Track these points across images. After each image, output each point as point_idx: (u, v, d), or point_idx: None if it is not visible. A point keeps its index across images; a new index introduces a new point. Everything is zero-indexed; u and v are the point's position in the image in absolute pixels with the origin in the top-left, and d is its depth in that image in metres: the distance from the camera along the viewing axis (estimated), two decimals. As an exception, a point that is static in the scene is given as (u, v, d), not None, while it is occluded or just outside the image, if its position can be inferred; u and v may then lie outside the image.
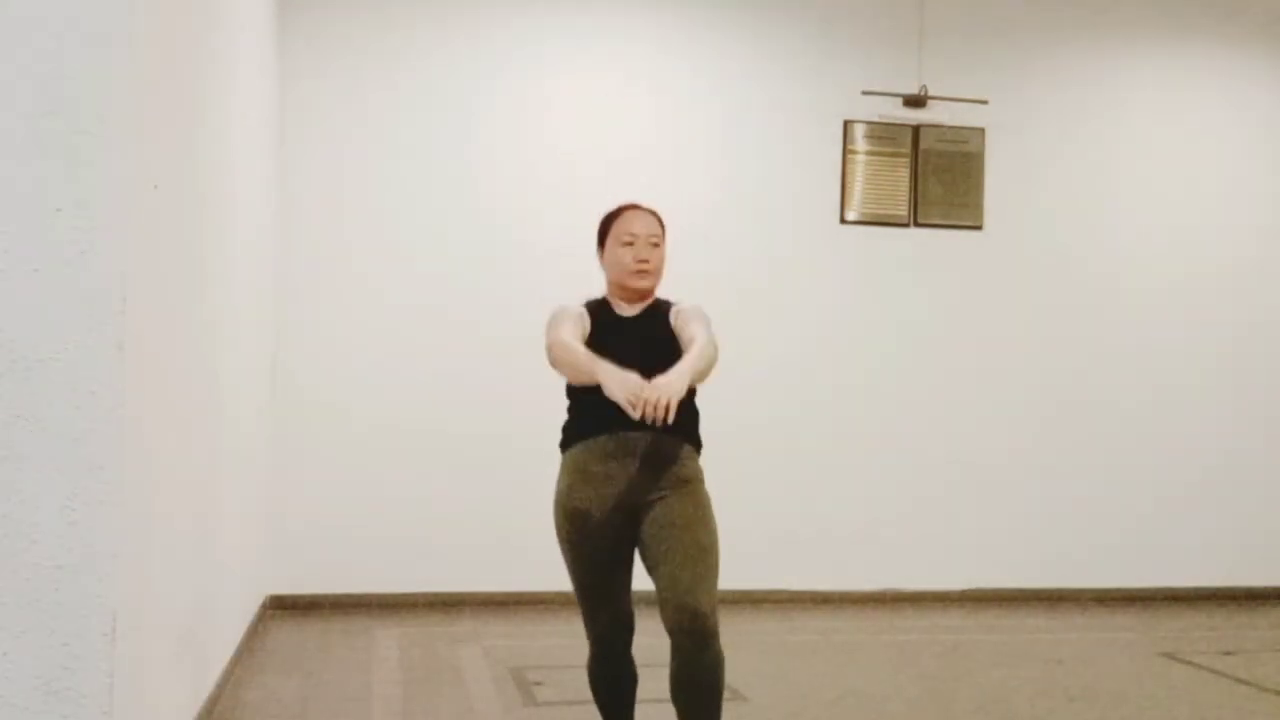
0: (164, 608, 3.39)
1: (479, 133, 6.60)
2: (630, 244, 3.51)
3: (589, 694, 3.72)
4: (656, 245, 3.54)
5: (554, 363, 3.43)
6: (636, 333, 3.51)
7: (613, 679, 3.59)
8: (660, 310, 3.56)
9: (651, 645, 3.55)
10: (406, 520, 6.42)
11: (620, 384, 3.18)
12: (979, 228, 7.13)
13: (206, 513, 4.23)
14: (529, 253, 6.57)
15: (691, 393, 3.49)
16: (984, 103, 7.03)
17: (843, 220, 6.99)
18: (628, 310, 3.56)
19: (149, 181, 3.00)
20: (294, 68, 6.40)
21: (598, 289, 3.62)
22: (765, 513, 6.63)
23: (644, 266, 3.51)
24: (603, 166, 6.58)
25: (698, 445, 3.54)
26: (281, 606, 6.28)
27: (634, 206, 3.60)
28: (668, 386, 3.16)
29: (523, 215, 6.61)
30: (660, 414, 3.12)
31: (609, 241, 3.56)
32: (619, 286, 3.56)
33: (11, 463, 2.61)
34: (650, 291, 3.57)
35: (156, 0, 3.09)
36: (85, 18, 2.65)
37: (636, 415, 3.14)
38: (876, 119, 7.00)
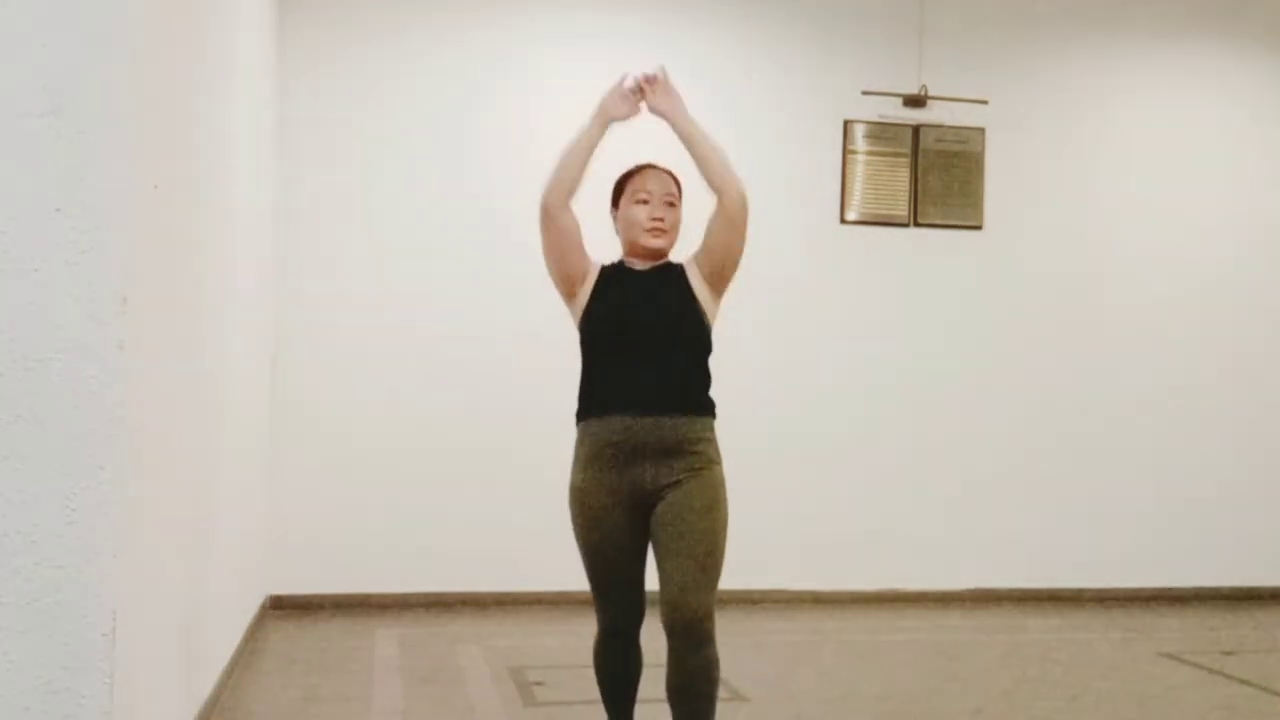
0: (164, 608, 3.39)
1: (478, 133, 6.60)
2: (645, 202, 3.49)
3: (589, 694, 3.72)
4: (672, 205, 3.52)
5: (549, 184, 3.58)
6: (648, 285, 3.48)
7: (618, 664, 3.58)
8: (674, 268, 3.52)
9: (653, 646, 3.55)
10: (406, 520, 6.42)
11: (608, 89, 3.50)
12: (979, 228, 7.13)
13: (206, 513, 4.23)
14: (528, 253, 6.48)
15: (705, 352, 3.49)
16: (984, 103, 7.03)
17: (843, 220, 6.99)
18: (641, 266, 3.53)
19: (149, 181, 3.00)
20: (294, 67, 6.40)
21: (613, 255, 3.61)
22: (765, 513, 6.62)
23: (658, 225, 3.48)
24: (603, 166, 6.55)
25: (711, 410, 3.49)
26: (281, 606, 6.28)
27: (650, 165, 3.58)
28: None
29: (522, 216, 6.55)
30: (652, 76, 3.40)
31: (623, 200, 3.55)
32: (632, 245, 3.52)
33: (11, 463, 2.61)
34: (664, 252, 3.53)
35: (156, 0, 3.09)
36: (85, 18, 2.65)
37: (633, 92, 3.45)
38: (876, 119, 7.00)
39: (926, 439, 7.04)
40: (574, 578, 3.59)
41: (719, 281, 3.55)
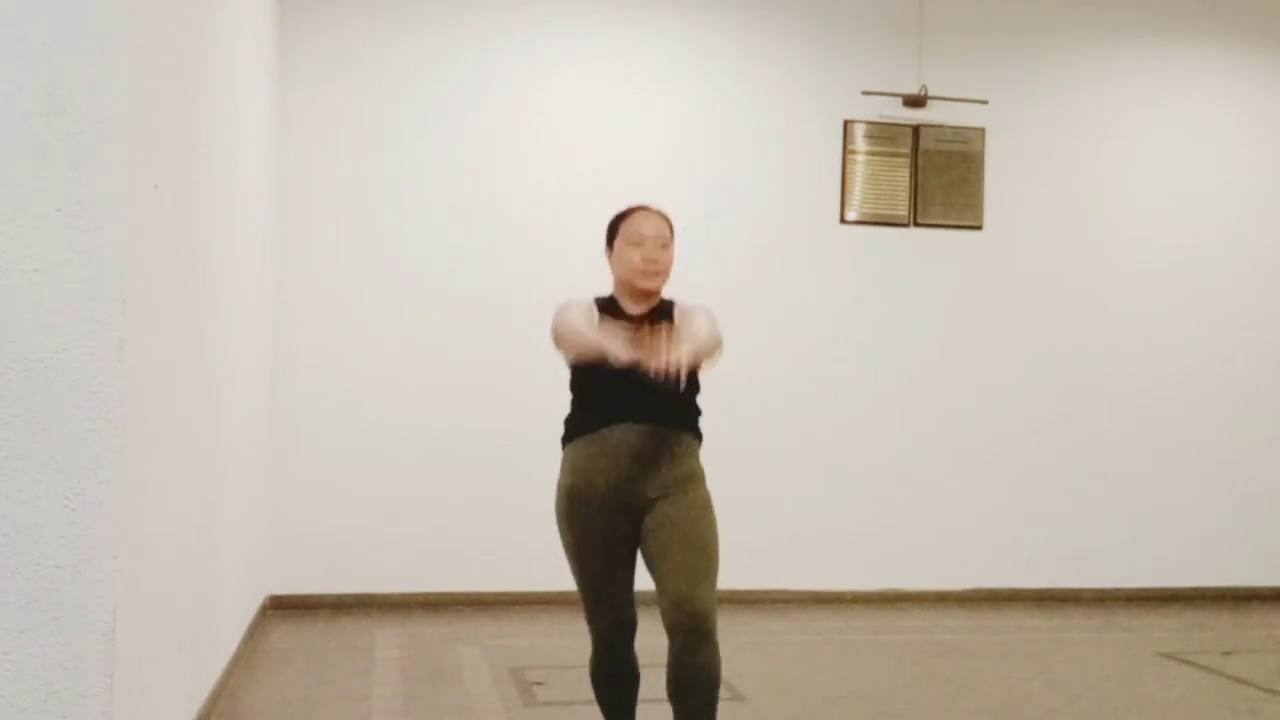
0: (164, 608, 3.39)
1: (478, 134, 6.60)
2: (639, 245, 3.53)
3: (589, 694, 3.72)
4: (665, 247, 3.55)
5: (558, 339, 3.44)
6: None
7: (614, 676, 3.60)
8: (666, 309, 3.57)
9: (653, 645, 3.55)
10: (406, 520, 6.42)
11: (627, 347, 3.22)
12: (979, 228, 7.13)
13: (206, 513, 4.23)
14: (527, 254, 6.57)
15: (695, 387, 3.51)
16: (984, 103, 7.03)
17: (843, 220, 6.99)
18: (634, 309, 3.57)
19: (149, 181, 3.00)
20: (294, 67, 6.40)
21: (600, 289, 3.63)
22: (765, 513, 6.63)
23: (652, 267, 3.52)
24: (602, 168, 6.58)
25: (699, 437, 3.55)
26: (281, 606, 6.28)
27: (644, 208, 3.61)
28: (677, 350, 3.22)
29: (521, 217, 6.61)
30: (671, 369, 3.15)
31: (618, 242, 3.58)
32: (626, 286, 3.57)
33: (11, 463, 2.61)
34: (657, 292, 3.58)
35: (156, 0, 3.09)
36: (85, 18, 2.65)
37: (649, 366, 3.17)
38: (876, 119, 7.00)
39: (926, 438, 7.04)
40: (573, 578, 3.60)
41: None
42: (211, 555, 4.37)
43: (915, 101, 6.96)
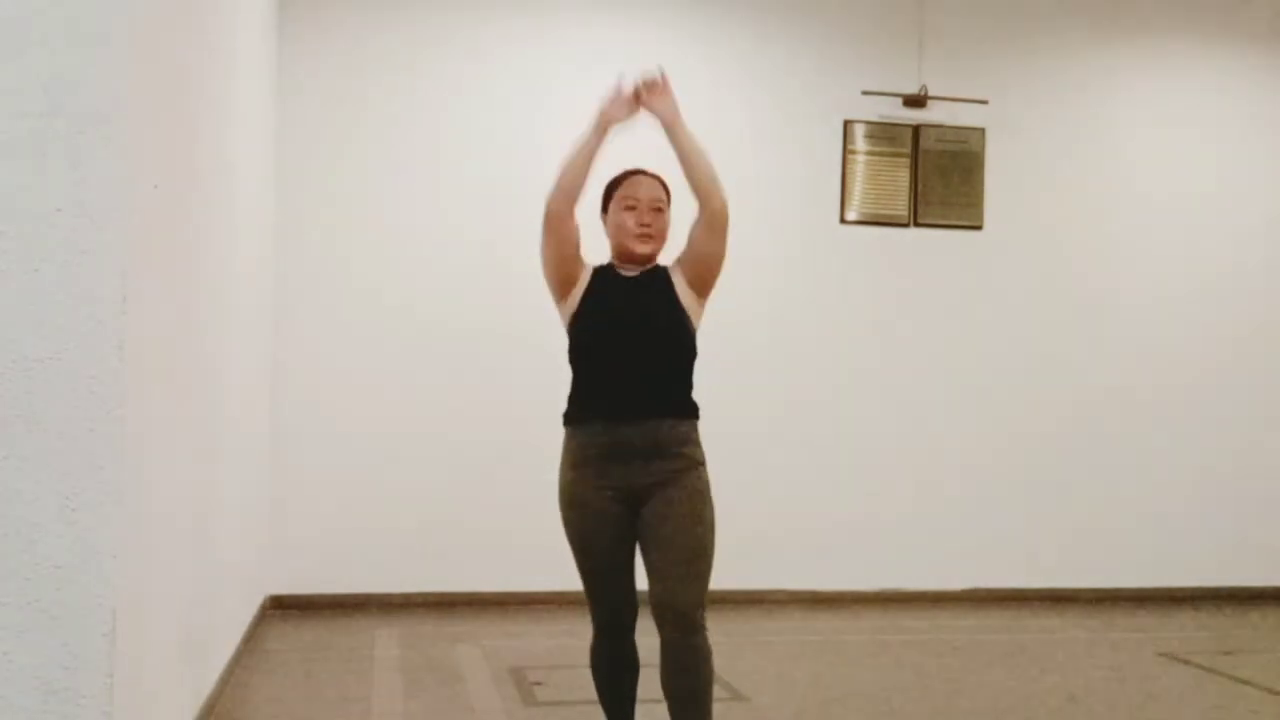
0: (164, 608, 3.39)
1: (477, 134, 6.60)
2: (633, 208, 3.51)
3: (589, 694, 3.72)
4: (660, 210, 3.53)
5: (553, 191, 3.55)
6: (635, 290, 3.50)
7: (613, 664, 3.59)
8: (660, 272, 3.54)
9: (653, 646, 3.55)
10: (406, 520, 6.42)
11: (605, 93, 3.53)
12: (979, 228, 7.13)
13: (206, 513, 4.23)
14: (527, 253, 6.52)
15: (689, 356, 3.50)
16: (984, 103, 7.03)
17: (843, 220, 6.99)
18: (628, 271, 3.55)
19: (149, 181, 3.00)
20: (294, 68, 6.40)
21: (602, 257, 3.61)
22: (765, 512, 6.63)
23: (646, 230, 3.50)
24: (602, 166, 6.56)
25: (694, 413, 3.50)
26: (281, 606, 6.28)
27: (639, 171, 3.60)
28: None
29: (521, 216, 6.57)
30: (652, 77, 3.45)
31: (612, 205, 3.56)
32: (621, 249, 3.54)
33: (11, 463, 2.61)
34: (652, 257, 3.55)
35: (156, 0, 3.09)
36: (85, 18, 2.65)
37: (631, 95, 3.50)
38: (876, 119, 7.00)
39: (926, 439, 7.04)
40: (573, 578, 3.60)
41: (702, 286, 3.57)
42: (211, 555, 4.37)
43: (915, 101, 6.96)
